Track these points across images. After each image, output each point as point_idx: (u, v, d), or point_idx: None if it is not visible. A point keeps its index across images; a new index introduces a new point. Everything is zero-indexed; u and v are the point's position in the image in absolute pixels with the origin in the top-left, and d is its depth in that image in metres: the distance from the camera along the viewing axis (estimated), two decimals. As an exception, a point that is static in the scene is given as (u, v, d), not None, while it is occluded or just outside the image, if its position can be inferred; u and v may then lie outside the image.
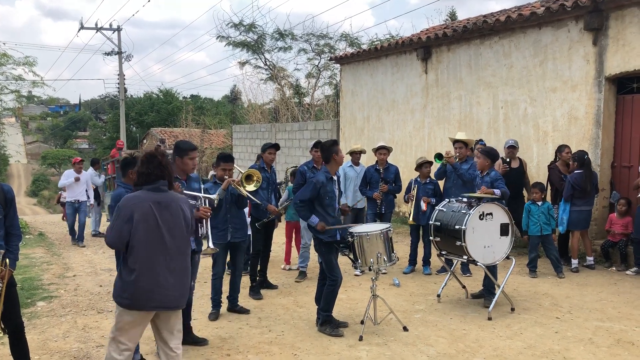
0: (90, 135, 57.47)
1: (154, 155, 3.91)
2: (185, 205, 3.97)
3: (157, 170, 3.85)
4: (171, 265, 3.81)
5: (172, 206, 3.86)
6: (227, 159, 5.87)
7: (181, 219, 3.88)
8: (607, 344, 5.16)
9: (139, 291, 3.72)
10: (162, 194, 3.85)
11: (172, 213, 3.84)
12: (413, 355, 4.98)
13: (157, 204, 3.79)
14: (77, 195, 11.30)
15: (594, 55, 8.26)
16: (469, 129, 10.14)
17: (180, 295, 3.88)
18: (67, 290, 7.46)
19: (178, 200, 3.93)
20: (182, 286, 3.89)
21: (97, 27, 30.09)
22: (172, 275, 3.81)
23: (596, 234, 8.44)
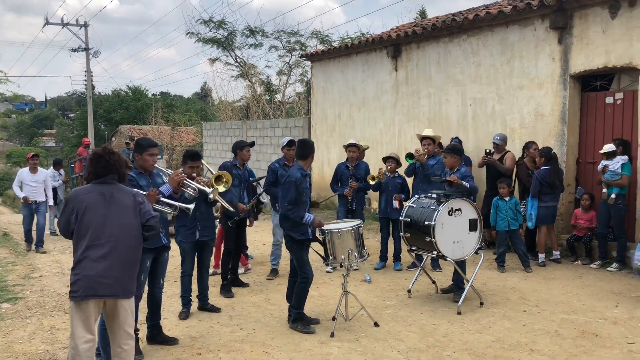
0: (57, 133, 56.26)
1: (101, 155, 4.01)
2: (132, 196, 4.02)
3: (104, 170, 3.98)
4: (110, 254, 3.85)
5: (117, 197, 3.94)
6: (194, 157, 5.82)
7: (124, 208, 3.94)
8: (572, 335, 5.28)
9: (79, 278, 3.82)
10: (108, 186, 3.97)
11: (115, 203, 3.92)
12: (384, 350, 5.02)
13: (101, 194, 3.92)
14: (35, 195, 10.32)
15: (559, 54, 8.43)
16: (439, 126, 10.25)
17: (116, 284, 3.85)
18: (33, 291, 7.31)
19: (123, 192, 4.00)
20: (122, 276, 3.89)
21: (63, 23, 29.44)
22: (112, 265, 3.84)
23: (562, 228, 8.62)
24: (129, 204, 3.96)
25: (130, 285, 3.97)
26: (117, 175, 4.03)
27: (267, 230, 11.47)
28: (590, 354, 4.85)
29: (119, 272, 3.87)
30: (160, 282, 5.22)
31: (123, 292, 3.92)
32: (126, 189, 4.06)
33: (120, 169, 4.05)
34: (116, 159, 4.04)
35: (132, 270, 3.98)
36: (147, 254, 4.89)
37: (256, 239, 10.58)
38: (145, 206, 4.06)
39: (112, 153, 4.07)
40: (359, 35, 20.58)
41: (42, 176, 10.46)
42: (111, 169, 3.99)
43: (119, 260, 3.88)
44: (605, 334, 5.29)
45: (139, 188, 4.77)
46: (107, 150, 4.07)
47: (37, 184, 10.30)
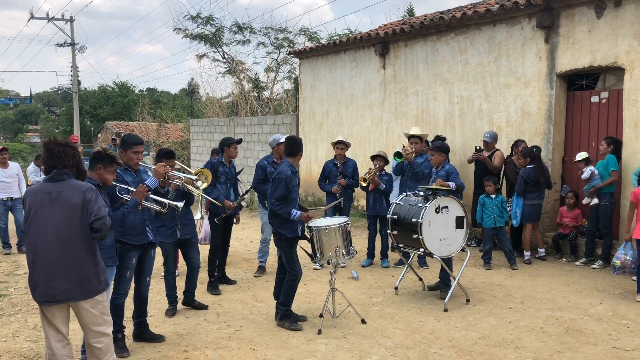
0: (43, 129, 55.68)
1: (45, 145, 3.86)
2: (82, 194, 3.77)
3: (48, 160, 3.80)
4: (57, 256, 3.72)
5: (63, 195, 3.74)
6: (169, 155, 5.77)
7: (72, 208, 3.73)
8: (557, 332, 5.33)
9: (32, 283, 3.77)
10: (55, 184, 3.78)
11: (61, 202, 3.73)
12: (371, 347, 5.03)
13: (48, 194, 3.76)
14: (10, 191, 9.67)
15: (546, 53, 8.49)
16: (426, 124, 10.29)
17: (68, 288, 3.73)
18: (17, 288, 7.24)
19: (72, 189, 3.77)
20: (76, 278, 3.75)
21: (49, 17, 29.17)
22: (60, 268, 3.72)
23: (547, 226, 8.70)
24: (76, 203, 3.74)
25: (89, 286, 3.80)
26: (70, 170, 3.82)
27: (255, 227, 11.46)
28: (574, 350, 4.90)
29: (72, 275, 3.74)
30: (146, 280, 5.19)
31: (81, 294, 3.78)
32: (77, 185, 3.80)
33: (73, 162, 3.84)
34: (65, 151, 3.81)
35: (86, 270, 3.80)
36: (133, 251, 4.87)
37: (243, 236, 10.56)
38: (93, 205, 3.77)
39: (62, 145, 3.84)
40: (347, 33, 20.58)
41: (14, 170, 9.84)
42: (57, 163, 3.78)
43: (71, 262, 3.74)
44: (589, 331, 5.34)
45: (125, 184, 4.75)
46: (55, 142, 3.85)
47: (10, 179, 9.70)
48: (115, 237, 4.67)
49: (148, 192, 4.71)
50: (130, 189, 4.71)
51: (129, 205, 4.56)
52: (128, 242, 4.83)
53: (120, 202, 4.60)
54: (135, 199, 4.60)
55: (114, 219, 4.39)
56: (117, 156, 4.53)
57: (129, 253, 4.84)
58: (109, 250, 4.52)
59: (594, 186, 7.61)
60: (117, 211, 4.48)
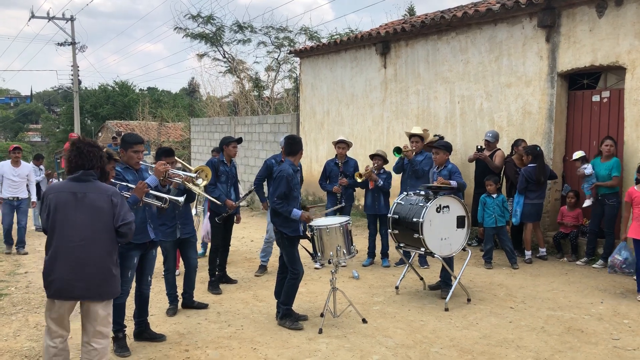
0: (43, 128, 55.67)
1: (74, 143, 3.91)
2: (107, 196, 3.85)
3: (76, 159, 3.85)
4: (80, 256, 3.78)
5: (89, 197, 3.81)
6: (168, 153, 5.78)
7: (97, 210, 3.81)
8: (558, 332, 5.33)
9: (49, 279, 3.81)
10: (81, 184, 3.84)
11: (87, 204, 3.80)
12: (372, 346, 5.03)
13: (74, 194, 3.81)
14: (16, 191, 9.56)
15: (547, 52, 8.48)
16: (427, 123, 10.28)
17: (86, 287, 3.80)
18: (18, 287, 7.24)
19: (98, 191, 3.85)
20: (96, 279, 3.81)
21: (49, 17, 29.17)
22: (80, 266, 3.78)
23: (548, 225, 8.69)
24: (101, 206, 3.81)
25: (105, 289, 3.88)
26: (95, 172, 3.89)
27: (255, 226, 11.47)
28: (575, 350, 4.90)
29: (92, 276, 3.80)
30: (148, 279, 5.19)
31: (98, 295, 3.86)
32: (103, 189, 3.87)
33: (99, 164, 3.90)
34: (94, 152, 3.88)
35: (106, 273, 3.87)
36: (134, 251, 4.87)
37: (244, 235, 10.55)
38: (120, 209, 3.87)
39: (91, 145, 3.90)
40: (347, 32, 20.57)
41: (25, 170, 9.74)
42: (85, 162, 3.83)
43: (92, 263, 3.80)
44: (590, 330, 5.34)
45: (126, 182, 4.75)
46: (85, 142, 3.90)
47: (20, 179, 9.56)
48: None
49: (148, 189, 4.71)
50: (130, 186, 4.71)
51: (129, 202, 4.56)
52: (130, 241, 4.81)
53: None
54: (136, 196, 4.60)
55: None
56: (113, 153, 4.54)
57: (130, 252, 4.83)
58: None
59: (593, 185, 7.60)
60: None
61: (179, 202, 5.04)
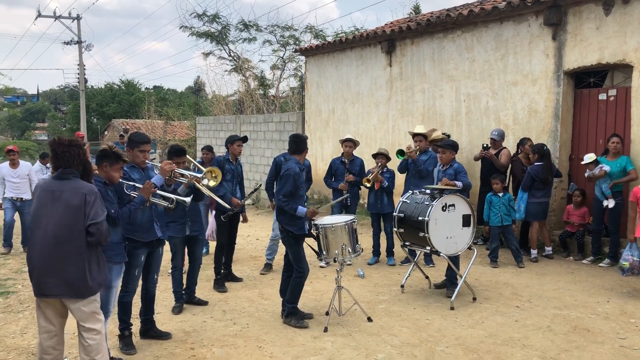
0: (50, 127, 55.88)
1: (50, 144, 3.94)
2: (82, 195, 3.80)
3: (53, 160, 3.90)
4: (53, 255, 3.79)
5: (64, 195, 3.80)
6: (180, 153, 5.80)
7: (71, 209, 3.78)
8: (565, 331, 5.31)
9: (30, 276, 3.88)
10: (60, 182, 3.85)
11: (62, 202, 3.79)
12: (377, 345, 5.03)
13: (52, 192, 3.84)
14: (19, 192, 9.35)
15: (553, 50, 8.45)
16: (432, 122, 10.26)
17: (59, 285, 3.80)
18: (25, 285, 7.27)
19: (74, 190, 3.82)
20: (68, 277, 3.80)
21: (56, 15, 29.26)
22: (53, 265, 3.79)
23: (554, 224, 8.66)
24: (75, 204, 3.78)
25: (80, 287, 3.84)
26: (75, 169, 3.86)
27: (261, 224, 11.49)
28: (582, 349, 4.88)
29: (63, 274, 3.79)
30: (154, 277, 5.21)
31: (73, 294, 3.84)
32: (80, 187, 3.83)
33: (78, 162, 3.87)
34: (69, 151, 3.85)
35: (78, 271, 3.82)
36: (141, 249, 4.89)
37: (249, 233, 10.57)
38: (90, 209, 3.79)
39: (66, 145, 3.86)
40: (353, 30, 20.54)
41: (24, 170, 9.47)
42: (61, 163, 3.84)
43: (63, 262, 3.79)
44: (597, 330, 5.32)
45: (132, 182, 4.76)
46: (59, 143, 3.88)
47: (20, 180, 9.33)
48: (124, 235, 4.68)
49: (155, 189, 4.72)
50: (137, 186, 4.72)
51: (136, 202, 4.57)
52: (137, 240, 4.84)
53: (127, 199, 4.62)
54: (142, 196, 4.61)
55: (121, 215, 4.41)
56: (123, 154, 4.54)
57: (137, 250, 4.85)
58: (117, 247, 4.52)
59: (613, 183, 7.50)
60: (124, 208, 4.49)
61: (186, 202, 5.05)
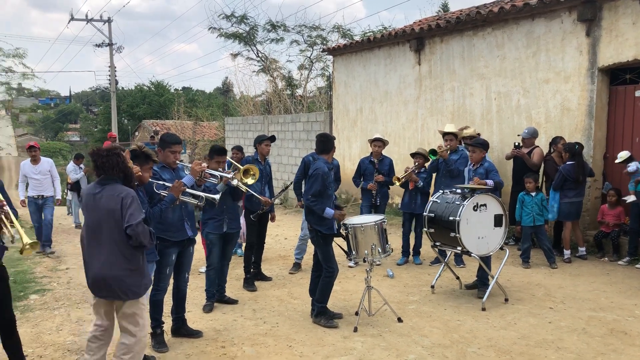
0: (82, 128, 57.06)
1: (91, 156, 4.01)
2: (119, 198, 3.84)
3: (96, 170, 3.99)
4: (98, 257, 3.88)
5: (103, 199, 3.87)
6: (221, 152, 5.91)
7: (109, 212, 3.84)
8: (601, 333, 5.19)
9: (87, 278, 3.99)
10: (101, 187, 3.93)
11: (101, 206, 3.87)
12: (408, 345, 4.99)
13: (93, 196, 3.92)
14: (41, 189, 9.23)
15: (587, 46, 8.27)
16: (462, 121, 10.15)
17: (111, 286, 3.88)
18: (60, 283, 7.42)
19: (111, 193, 3.87)
20: (107, 278, 3.86)
21: (88, 19, 29.82)
22: (98, 267, 3.88)
23: (588, 224, 8.48)
24: (112, 208, 3.83)
25: (121, 290, 3.89)
26: (115, 175, 3.93)
27: (289, 224, 11.52)
28: (619, 352, 4.76)
29: (107, 276, 3.86)
30: (185, 276, 5.26)
31: (117, 295, 3.92)
32: (117, 190, 3.88)
33: (118, 169, 3.93)
34: (108, 162, 3.91)
35: (126, 272, 3.89)
36: (172, 248, 4.94)
37: (278, 233, 10.61)
38: (126, 211, 3.82)
39: (104, 156, 3.93)
40: (381, 29, 20.45)
41: (46, 166, 9.37)
42: (100, 172, 3.93)
43: (107, 264, 3.86)
44: (634, 332, 5.19)
45: (163, 181, 4.82)
46: (98, 154, 3.96)
47: (42, 176, 9.22)
48: (155, 234, 4.74)
49: (184, 187, 4.77)
50: (167, 185, 4.77)
51: (166, 201, 4.63)
52: (167, 239, 4.89)
53: (157, 198, 4.67)
54: (172, 195, 4.66)
55: (152, 215, 4.47)
56: (152, 154, 4.59)
57: (168, 250, 4.91)
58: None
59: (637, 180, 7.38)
60: (155, 207, 4.55)
61: (215, 200, 5.09)
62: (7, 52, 26.25)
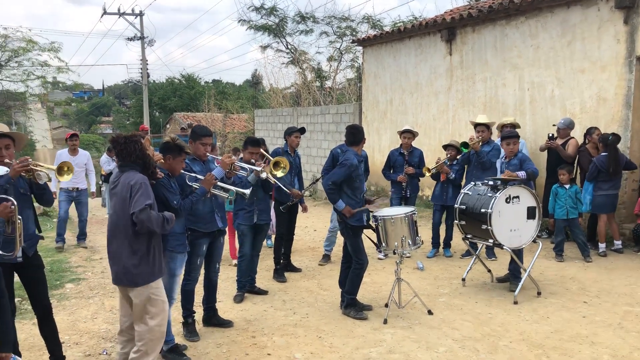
0: (114, 120, 58.11)
1: (111, 142, 4.07)
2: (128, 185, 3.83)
3: (116, 156, 4.05)
4: (112, 245, 3.97)
5: (118, 186, 3.93)
6: (254, 143, 5.97)
7: (121, 199, 3.86)
8: (638, 329, 5.07)
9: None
10: (120, 174, 3.98)
11: (116, 193, 3.93)
12: (438, 338, 4.96)
13: (114, 183, 4.00)
14: (76, 181, 8.93)
15: (624, 35, 8.03)
16: (494, 111, 9.99)
17: (120, 272, 3.92)
18: (94, 272, 7.59)
19: (125, 180, 3.89)
20: (126, 265, 3.88)
21: (120, 13, 30.23)
22: (116, 254, 3.95)
23: (625, 217, 8.27)
24: (123, 195, 3.85)
25: (129, 276, 3.89)
26: (134, 163, 3.94)
27: (318, 216, 11.53)
28: (656, 348, 4.65)
29: (122, 261, 3.90)
30: (216, 266, 5.31)
31: (128, 281, 3.91)
32: (129, 177, 3.88)
33: (137, 157, 3.93)
34: (126, 148, 3.92)
35: (126, 261, 3.88)
36: (203, 239, 5.00)
37: (307, 224, 10.63)
38: (133, 198, 3.80)
39: (122, 143, 3.94)
40: (411, 20, 20.24)
41: (83, 159, 9.27)
42: (121, 159, 3.97)
43: (117, 251, 3.92)
44: (672, 328, 5.05)
45: (194, 173, 4.86)
46: (117, 141, 3.99)
47: (78, 168, 8.84)
48: (186, 225, 4.80)
49: (216, 180, 4.80)
50: (199, 177, 4.81)
51: (198, 193, 4.67)
52: (198, 230, 4.95)
53: (189, 190, 4.72)
54: (204, 187, 4.71)
55: (184, 206, 4.51)
56: (185, 146, 4.62)
57: (199, 240, 4.97)
58: (180, 237, 4.64)
59: None
60: (187, 199, 4.59)
61: (245, 194, 5.12)
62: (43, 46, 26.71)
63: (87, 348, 4.92)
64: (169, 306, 4.63)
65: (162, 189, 4.28)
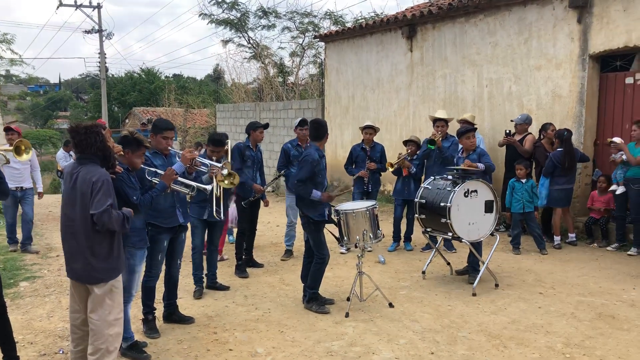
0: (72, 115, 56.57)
1: (69, 132, 3.89)
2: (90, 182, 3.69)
3: (74, 147, 3.86)
4: (69, 238, 3.82)
5: (78, 180, 3.74)
6: (218, 143, 5.90)
7: (81, 195, 3.71)
8: (589, 317, 5.25)
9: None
10: (79, 167, 3.80)
11: (76, 187, 3.74)
12: (399, 330, 5.02)
13: (71, 175, 3.81)
14: (20, 180, 8.17)
15: (578, 33, 8.28)
16: (454, 108, 10.16)
17: (79, 269, 3.80)
18: (51, 270, 7.40)
19: (85, 175, 3.73)
20: (78, 262, 3.79)
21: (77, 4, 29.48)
22: (72, 250, 3.82)
23: (578, 211, 8.54)
24: (84, 191, 3.70)
25: (95, 273, 3.78)
26: (93, 155, 3.80)
27: (280, 211, 11.49)
28: (607, 336, 4.82)
29: (80, 257, 3.78)
30: (177, 262, 5.25)
31: (87, 278, 3.81)
32: (90, 172, 3.73)
33: (97, 149, 3.79)
34: (86, 139, 3.77)
35: (88, 258, 3.77)
36: (164, 234, 4.93)
37: (270, 220, 10.61)
38: (94, 197, 3.66)
39: (82, 133, 3.78)
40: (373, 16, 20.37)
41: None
42: (79, 150, 3.80)
43: (77, 247, 3.78)
44: (622, 317, 5.25)
45: (154, 167, 4.79)
46: (76, 130, 3.82)
47: (21, 166, 8.08)
48: (147, 220, 4.73)
49: (176, 175, 4.74)
50: (159, 172, 4.74)
51: (157, 188, 4.59)
52: (159, 225, 4.88)
53: (149, 184, 4.64)
54: (164, 182, 4.63)
55: (143, 202, 4.42)
56: (144, 139, 4.54)
57: (160, 236, 4.90)
58: (140, 232, 4.56)
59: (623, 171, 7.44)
60: (146, 195, 4.51)
61: (207, 190, 5.07)
62: (-6, 37, 25.86)
63: (43, 347, 4.80)
64: (128, 303, 4.57)
65: (122, 184, 4.20)
